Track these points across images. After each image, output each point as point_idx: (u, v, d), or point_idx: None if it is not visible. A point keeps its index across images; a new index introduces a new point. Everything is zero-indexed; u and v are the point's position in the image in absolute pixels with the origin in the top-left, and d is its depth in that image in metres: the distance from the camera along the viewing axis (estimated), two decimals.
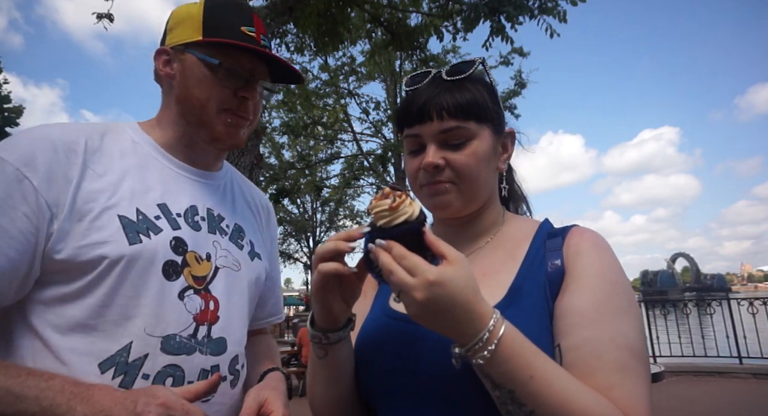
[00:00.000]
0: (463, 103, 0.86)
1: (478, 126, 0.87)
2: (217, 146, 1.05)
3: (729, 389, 6.50)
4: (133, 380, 0.85)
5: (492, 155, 0.90)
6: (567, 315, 0.76)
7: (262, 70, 1.06)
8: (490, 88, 0.93)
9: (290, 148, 15.30)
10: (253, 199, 1.24)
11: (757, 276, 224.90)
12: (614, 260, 0.82)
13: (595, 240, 0.84)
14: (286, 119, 12.24)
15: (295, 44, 6.40)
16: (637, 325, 0.76)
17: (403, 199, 0.70)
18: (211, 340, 0.94)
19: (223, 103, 1.00)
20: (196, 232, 0.99)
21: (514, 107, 12.50)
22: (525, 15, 4.69)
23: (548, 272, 0.81)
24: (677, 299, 9.87)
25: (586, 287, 0.77)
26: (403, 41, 5.74)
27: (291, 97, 10.82)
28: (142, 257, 0.89)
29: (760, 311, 7.32)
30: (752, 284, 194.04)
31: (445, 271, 0.64)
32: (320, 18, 4.73)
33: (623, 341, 0.72)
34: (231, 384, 0.98)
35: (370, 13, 5.58)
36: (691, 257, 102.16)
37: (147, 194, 0.95)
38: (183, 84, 1.01)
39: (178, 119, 1.04)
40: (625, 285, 0.80)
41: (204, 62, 0.98)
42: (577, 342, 0.73)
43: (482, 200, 0.92)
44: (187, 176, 1.05)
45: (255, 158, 3.47)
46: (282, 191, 12.78)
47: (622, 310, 0.76)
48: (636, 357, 0.72)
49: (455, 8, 5.33)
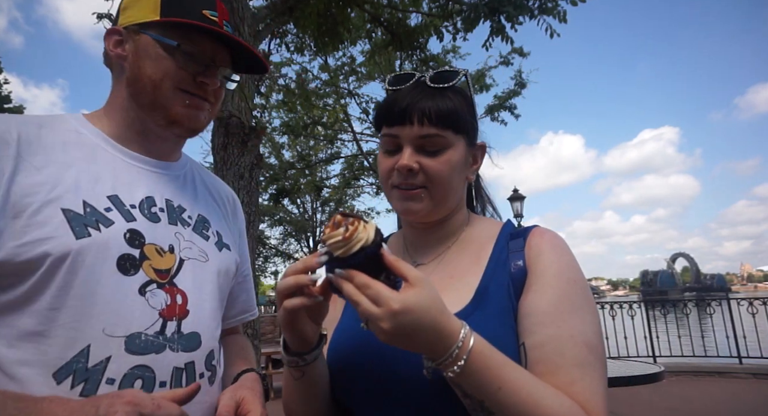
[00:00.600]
0: (445, 112, 0.88)
1: (454, 136, 0.90)
2: (175, 130, 0.97)
3: (729, 389, 6.50)
4: (96, 386, 0.77)
5: (463, 165, 0.94)
6: (530, 314, 0.80)
7: (224, 57, 1.00)
8: (469, 100, 0.96)
9: (290, 148, 15.29)
10: (216, 190, 1.17)
11: (756, 276, 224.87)
12: (572, 259, 0.86)
13: (555, 241, 0.88)
14: (286, 119, 12.24)
15: (295, 44, 6.40)
16: (594, 321, 0.81)
17: (356, 226, 0.68)
18: (182, 336, 0.88)
19: (179, 83, 0.93)
20: (155, 223, 0.92)
21: (514, 107, 12.47)
22: (525, 15, 4.69)
23: (511, 273, 0.85)
24: (677, 299, 9.87)
25: (548, 287, 0.81)
26: (403, 41, 5.74)
27: (291, 97, 10.81)
28: (92, 252, 0.81)
29: (760, 311, 7.32)
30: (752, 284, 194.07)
31: (408, 298, 0.65)
32: (320, 18, 4.73)
33: (582, 338, 0.77)
34: (209, 380, 0.93)
35: (370, 13, 5.58)
36: (690, 257, 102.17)
37: (95, 186, 0.87)
38: (135, 64, 0.93)
39: (129, 103, 0.96)
40: (583, 283, 0.84)
41: (160, 43, 0.92)
42: (541, 340, 0.77)
43: (450, 206, 0.95)
44: (141, 166, 0.98)
45: (255, 158, 3.47)
46: (282, 191, 12.79)
47: (579, 307, 0.80)
48: (593, 353, 0.76)
49: (455, 8, 5.33)
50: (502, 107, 12.41)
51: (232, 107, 3.41)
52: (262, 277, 25.54)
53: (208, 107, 0.99)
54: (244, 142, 3.40)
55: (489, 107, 12.50)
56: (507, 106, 12.43)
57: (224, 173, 3.38)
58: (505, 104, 12.41)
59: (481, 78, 12.43)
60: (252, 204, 3.42)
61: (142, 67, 0.93)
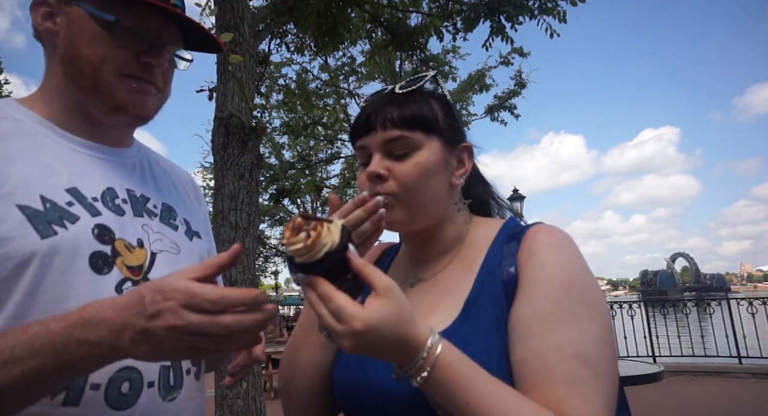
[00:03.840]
0: (408, 114, 0.84)
1: (425, 137, 0.85)
2: (122, 118, 0.88)
3: (729, 389, 6.50)
4: (79, 394, 0.73)
5: (441, 168, 0.86)
6: (515, 326, 0.73)
7: (172, 33, 0.89)
8: (443, 101, 0.92)
9: (290, 148, 15.29)
10: (175, 175, 1.09)
11: (756, 276, 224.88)
12: (571, 259, 0.76)
13: (549, 240, 0.78)
14: (286, 119, 12.24)
15: (295, 44, 6.40)
16: (594, 329, 0.70)
17: (319, 231, 0.61)
18: None
19: (122, 66, 0.84)
20: (120, 217, 0.85)
21: (514, 107, 12.46)
22: (525, 15, 4.69)
23: (504, 281, 0.78)
24: (677, 299, 9.88)
25: (533, 295, 0.73)
26: (403, 41, 5.73)
27: (291, 97, 10.81)
28: (61, 252, 0.74)
29: (760, 311, 7.33)
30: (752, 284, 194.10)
31: (372, 315, 0.60)
32: (320, 18, 4.73)
33: (571, 349, 0.68)
34: (196, 376, 0.90)
35: (370, 13, 5.58)
36: (690, 257, 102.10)
37: (49, 178, 0.79)
38: (69, 42, 0.83)
39: (66, 85, 0.86)
40: (581, 286, 0.73)
41: (95, 18, 0.82)
42: (524, 356, 0.70)
43: (432, 214, 0.87)
44: (92, 154, 0.89)
45: (255, 158, 3.47)
46: (282, 191, 12.78)
47: (573, 315, 0.70)
48: (588, 366, 0.67)
49: (455, 8, 5.33)
50: (502, 107, 12.41)
51: (233, 107, 3.41)
52: (262, 277, 25.53)
53: (155, 92, 0.90)
54: (244, 142, 3.40)
55: (489, 106, 12.51)
56: (507, 106, 12.42)
57: (224, 173, 3.39)
58: (505, 103, 12.40)
59: (481, 78, 12.42)
60: (252, 204, 3.42)
61: (77, 45, 0.83)
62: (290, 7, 4.26)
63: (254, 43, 3.69)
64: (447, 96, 0.95)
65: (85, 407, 0.74)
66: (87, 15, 0.83)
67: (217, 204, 3.40)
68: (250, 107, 3.50)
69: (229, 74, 3.40)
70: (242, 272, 3.31)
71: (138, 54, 0.85)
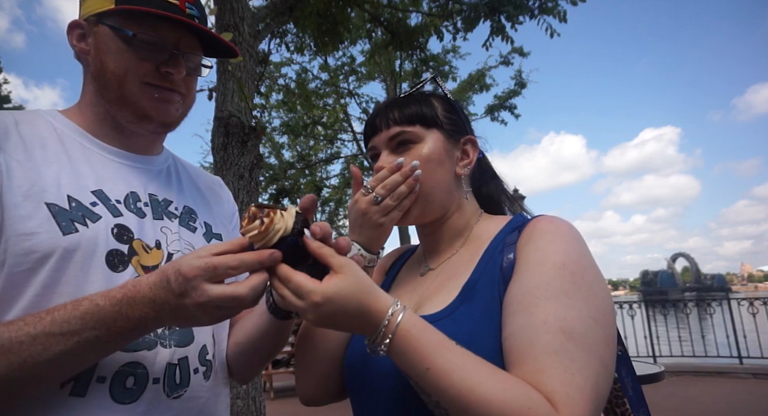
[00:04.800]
0: (408, 112, 0.92)
1: (425, 130, 0.92)
2: (147, 126, 0.94)
3: (729, 389, 6.49)
4: (86, 385, 0.76)
5: (444, 158, 0.92)
6: (506, 305, 0.75)
7: (190, 42, 0.94)
8: (444, 99, 0.99)
9: (290, 148, 15.29)
10: (202, 180, 1.14)
11: (757, 276, 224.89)
12: (567, 242, 0.77)
13: (547, 226, 0.80)
14: (286, 119, 12.24)
15: (295, 44, 6.39)
16: (584, 308, 0.70)
17: (272, 217, 0.67)
18: (174, 331, 0.87)
19: (143, 76, 0.90)
20: (141, 219, 0.90)
21: (514, 107, 12.46)
22: (525, 15, 4.69)
23: (502, 267, 0.80)
24: (677, 299, 9.87)
25: (526, 274, 0.75)
26: (403, 41, 5.73)
27: (291, 97, 10.81)
28: (81, 248, 0.79)
29: (760, 311, 7.32)
30: (752, 284, 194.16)
31: (329, 288, 0.65)
32: (320, 18, 4.72)
33: (558, 324, 0.68)
34: (204, 375, 0.92)
35: (370, 13, 5.57)
36: (691, 257, 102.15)
37: (78, 181, 0.85)
38: (98, 59, 0.90)
39: (97, 98, 0.93)
40: (576, 268, 0.73)
41: (117, 34, 0.88)
42: (511, 330, 0.71)
43: (440, 202, 0.93)
44: (122, 161, 0.95)
45: (255, 158, 3.47)
46: (282, 191, 12.79)
47: (563, 292, 0.70)
48: (574, 340, 0.66)
49: (455, 8, 5.33)
50: (502, 106, 12.41)
51: (232, 107, 3.41)
52: None
53: (178, 99, 0.95)
54: (244, 142, 3.39)
55: (489, 106, 12.51)
56: (507, 106, 12.42)
57: (224, 173, 3.38)
58: (505, 103, 12.40)
59: (481, 78, 12.43)
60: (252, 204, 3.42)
61: (104, 61, 0.89)
62: (290, 7, 4.26)
63: (254, 43, 3.69)
64: (448, 95, 1.00)
65: (90, 398, 0.77)
66: (111, 32, 0.89)
67: None
68: (249, 107, 3.50)
69: (229, 74, 3.40)
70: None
71: (158, 64, 0.90)
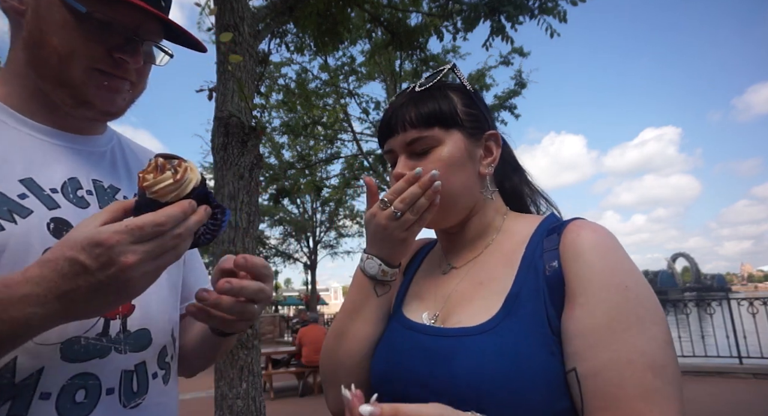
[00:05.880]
0: (425, 112, 0.86)
1: (444, 132, 0.86)
2: (86, 112, 0.82)
3: (729, 389, 6.50)
4: (27, 403, 0.66)
5: (466, 159, 0.87)
6: (578, 335, 0.69)
7: (151, 28, 0.81)
8: (463, 91, 0.92)
9: (290, 148, 15.28)
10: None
11: (757, 276, 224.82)
12: (621, 259, 0.73)
13: (595, 238, 0.75)
14: (286, 119, 12.23)
15: (295, 44, 6.39)
16: (659, 334, 0.68)
17: (185, 167, 0.64)
18: (129, 335, 0.77)
19: (92, 60, 0.77)
20: (83, 210, 0.78)
21: (514, 107, 12.46)
22: (525, 15, 4.69)
23: (546, 276, 0.75)
24: (677, 299, 9.87)
25: (594, 299, 0.70)
26: (403, 41, 5.73)
27: (291, 97, 10.81)
28: (8, 249, 0.68)
29: (760, 311, 7.32)
30: (752, 284, 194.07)
31: None
32: (320, 18, 4.72)
33: (644, 360, 0.65)
34: (163, 380, 0.84)
35: (370, 13, 5.57)
36: (691, 257, 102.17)
37: (1, 168, 0.72)
38: (36, 26, 0.75)
39: (27, 70, 0.79)
40: (639, 288, 0.70)
41: (67, 5, 0.74)
42: (594, 368, 0.67)
43: (463, 206, 0.88)
44: (55, 142, 0.81)
45: (255, 158, 3.47)
46: (282, 191, 12.77)
47: (638, 320, 0.68)
48: (661, 376, 0.65)
49: (455, 8, 5.33)
50: (502, 106, 12.41)
51: (232, 107, 3.41)
52: None
53: (128, 88, 0.83)
54: (244, 142, 3.39)
55: (489, 106, 12.52)
56: (507, 106, 12.43)
57: (224, 173, 3.38)
58: (506, 103, 12.41)
59: (481, 78, 12.42)
60: (252, 204, 3.42)
61: (45, 32, 0.75)
62: (290, 7, 4.26)
63: (254, 43, 3.69)
64: (467, 86, 0.93)
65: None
66: (59, 1, 0.75)
67: None
68: (249, 107, 3.50)
69: (229, 74, 3.40)
70: None
71: (111, 49, 0.77)
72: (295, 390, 9.28)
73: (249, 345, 3.21)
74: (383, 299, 0.90)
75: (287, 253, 22.55)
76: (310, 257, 22.17)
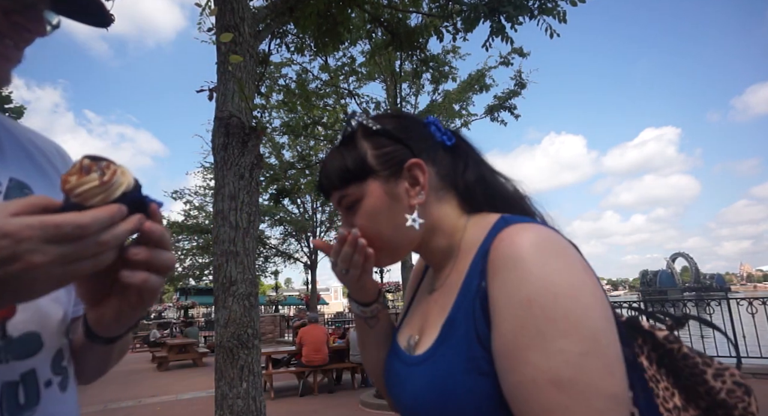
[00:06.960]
0: (334, 174, 0.87)
1: (359, 186, 0.85)
2: None
3: None
4: None
5: (389, 203, 0.84)
6: (496, 357, 0.68)
7: None
8: (370, 132, 0.87)
9: (290, 148, 15.30)
10: (35, 145, 0.85)
11: (756, 276, 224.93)
12: (528, 270, 0.67)
13: (507, 251, 0.70)
14: (286, 119, 12.24)
15: (295, 44, 6.39)
16: (566, 345, 0.63)
17: (114, 170, 0.57)
18: (12, 341, 0.67)
19: None
20: None
21: (514, 107, 12.46)
22: (525, 15, 4.70)
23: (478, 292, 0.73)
24: (677, 299, 9.87)
25: (499, 319, 0.68)
26: (403, 41, 5.74)
27: (291, 98, 10.82)
28: None
29: (760, 311, 7.33)
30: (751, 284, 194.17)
31: None
32: (320, 18, 4.73)
33: (545, 377, 0.63)
34: (60, 386, 0.73)
35: (370, 13, 5.58)
36: (690, 257, 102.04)
37: None
38: None
39: None
40: (543, 299, 0.65)
41: None
42: (509, 391, 0.66)
43: (405, 242, 0.87)
44: None
45: (255, 158, 3.47)
46: (282, 191, 12.78)
47: (538, 335, 0.64)
48: (566, 390, 0.61)
49: (455, 8, 5.34)
50: (502, 107, 12.42)
51: (233, 107, 3.41)
52: (262, 277, 25.50)
53: (18, 58, 0.73)
54: (244, 142, 3.40)
55: (489, 107, 12.51)
56: (507, 106, 12.43)
57: (224, 173, 3.39)
58: (505, 103, 12.41)
59: (481, 78, 12.43)
60: (252, 204, 3.42)
61: None
62: (290, 7, 4.27)
63: (254, 43, 3.69)
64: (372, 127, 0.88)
65: None
66: None
67: (217, 204, 3.41)
68: (250, 107, 3.50)
69: (229, 74, 3.40)
70: (242, 272, 3.32)
71: (6, 12, 0.68)
72: (295, 390, 9.29)
73: (249, 344, 3.22)
74: (378, 328, 0.99)
75: (287, 253, 22.56)
76: (311, 257, 22.18)
